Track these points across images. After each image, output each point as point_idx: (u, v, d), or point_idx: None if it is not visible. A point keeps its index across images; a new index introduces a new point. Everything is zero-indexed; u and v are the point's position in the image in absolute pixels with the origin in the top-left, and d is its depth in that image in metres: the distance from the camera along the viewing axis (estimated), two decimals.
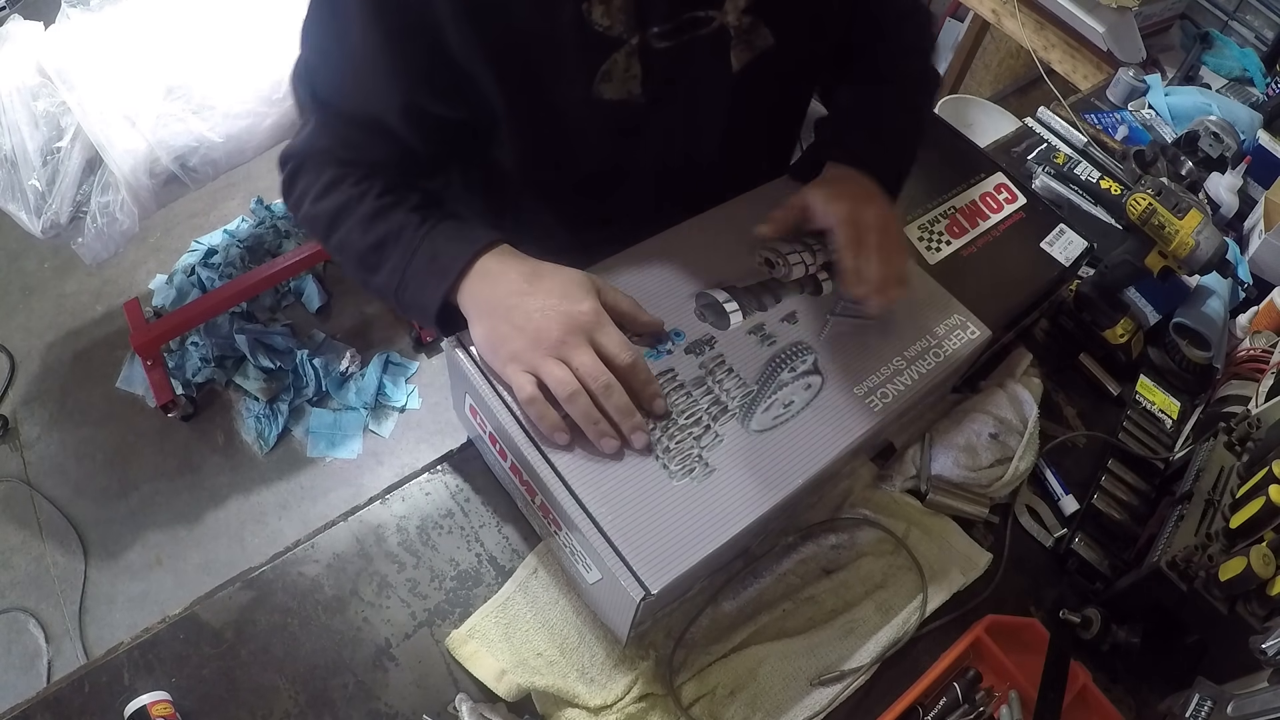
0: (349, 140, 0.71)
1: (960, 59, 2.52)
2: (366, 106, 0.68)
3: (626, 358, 0.63)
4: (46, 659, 1.67)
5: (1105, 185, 1.23)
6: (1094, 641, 0.76)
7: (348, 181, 0.70)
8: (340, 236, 0.70)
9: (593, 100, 0.68)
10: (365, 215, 0.69)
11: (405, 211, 0.69)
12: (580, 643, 0.70)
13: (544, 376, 0.62)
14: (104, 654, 0.67)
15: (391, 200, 0.69)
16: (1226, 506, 0.77)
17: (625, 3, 0.64)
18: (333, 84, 0.69)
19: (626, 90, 0.69)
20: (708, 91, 0.74)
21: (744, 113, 0.78)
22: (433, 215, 0.69)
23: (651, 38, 0.67)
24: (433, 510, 0.76)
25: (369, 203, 0.69)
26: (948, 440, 0.84)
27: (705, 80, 0.73)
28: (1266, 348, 1.00)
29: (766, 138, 0.87)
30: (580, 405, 0.61)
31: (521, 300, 0.63)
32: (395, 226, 0.68)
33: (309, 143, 0.72)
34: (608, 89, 0.68)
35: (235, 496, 1.91)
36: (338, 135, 0.71)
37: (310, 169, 0.72)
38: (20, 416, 1.99)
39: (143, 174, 1.57)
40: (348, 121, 0.70)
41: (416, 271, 0.67)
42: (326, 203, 0.70)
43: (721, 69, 0.72)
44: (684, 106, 0.74)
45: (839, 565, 0.77)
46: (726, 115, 0.78)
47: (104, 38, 1.65)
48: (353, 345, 2.15)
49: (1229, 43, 1.70)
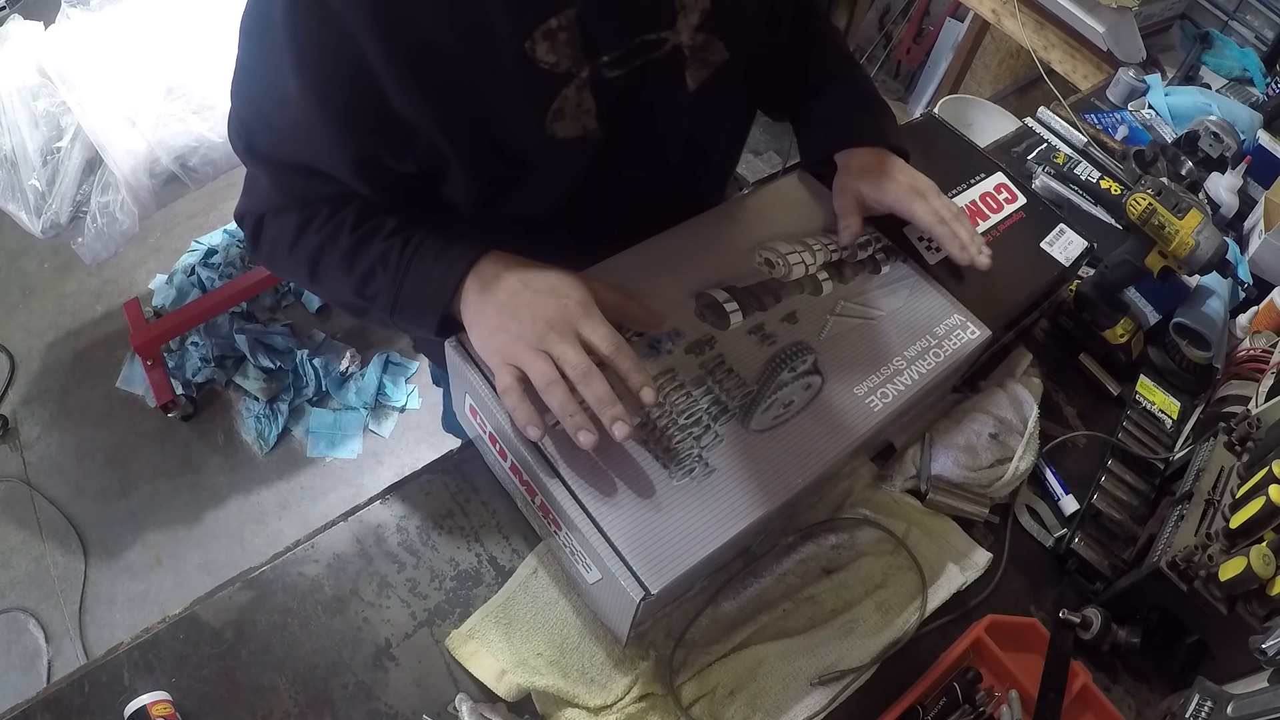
0: (305, 191, 0.68)
1: (960, 59, 2.52)
2: (316, 164, 0.65)
3: (609, 347, 0.61)
4: (46, 659, 1.67)
5: (1105, 185, 1.23)
6: (1094, 641, 0.76)
7: (317, 221, 0.67)
8: (324, 278, 0.68)
9: (547, 141, 0.65)
10: (346, 252, 0.66)
11: (384, 238, 0.66)
12: (580, 643, 0.70)
13: (524, 367, 0.61)
14: (104, 654, 0.67)
15: (369, 228, 0.67)
16: (1226, 506, 0.77)
17: (571, 35, 0.60)
18: (277, 145, 0.66)
19: (582, 127, 0.66)
20: (666, 114, 0.72)
21: (703, 127, 0.77)
22: (415, 235, 0.66)
23: (602, 68, 0.63)
24: (433, 510, 0.76)
25: (345, 239, 0.66)
26: (948, 440, 0.84)
27: (662, 104, 0.70)
28: (1266, 348, 1.00)
29: (725, 145, 0.86)
30: (557, 396, 0.59)
31: (512, 298, 0.63)
32: (378, 256, 0.66)
33: (264, 200, 0.70)
34: (562, 127, 0.65)
35: (235, 496, 1.91)
36: (291, 190, 0.68)
37: (272, 221, 0.70)
38: (20, 416, 1.99)
39: (143, 174, 1.57)
40: (296, 173, 0.67)
41: (409, 298, 0.65)
42: (301, 249, 0.68)
43: (677, 90, 0.70)
44: (642, 133, 0.71)
45: (839, 565, 0.77)
46: (685, 133, 0.76)
47: (104, 38, 1.65)
48: (353, 345, 2.15)
49: (1229, 43, 1.70)
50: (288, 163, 0.66)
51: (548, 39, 0.60)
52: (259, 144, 0.67)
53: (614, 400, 0.60)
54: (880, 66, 2.82)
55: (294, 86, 0.59)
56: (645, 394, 0.61)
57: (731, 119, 0.82)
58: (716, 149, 0.83)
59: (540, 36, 0.59)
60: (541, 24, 0.59)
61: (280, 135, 0.65)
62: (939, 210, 0.79)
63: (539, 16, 0.59)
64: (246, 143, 0.67)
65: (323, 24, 0.55)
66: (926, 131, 1.01)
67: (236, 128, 0.68)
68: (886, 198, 0.79)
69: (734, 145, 0.91)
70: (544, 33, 0.59)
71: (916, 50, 2.74)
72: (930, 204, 0.79)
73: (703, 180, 0.86)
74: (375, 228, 0.67)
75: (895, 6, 2.77)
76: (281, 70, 0.59)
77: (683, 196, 0.83)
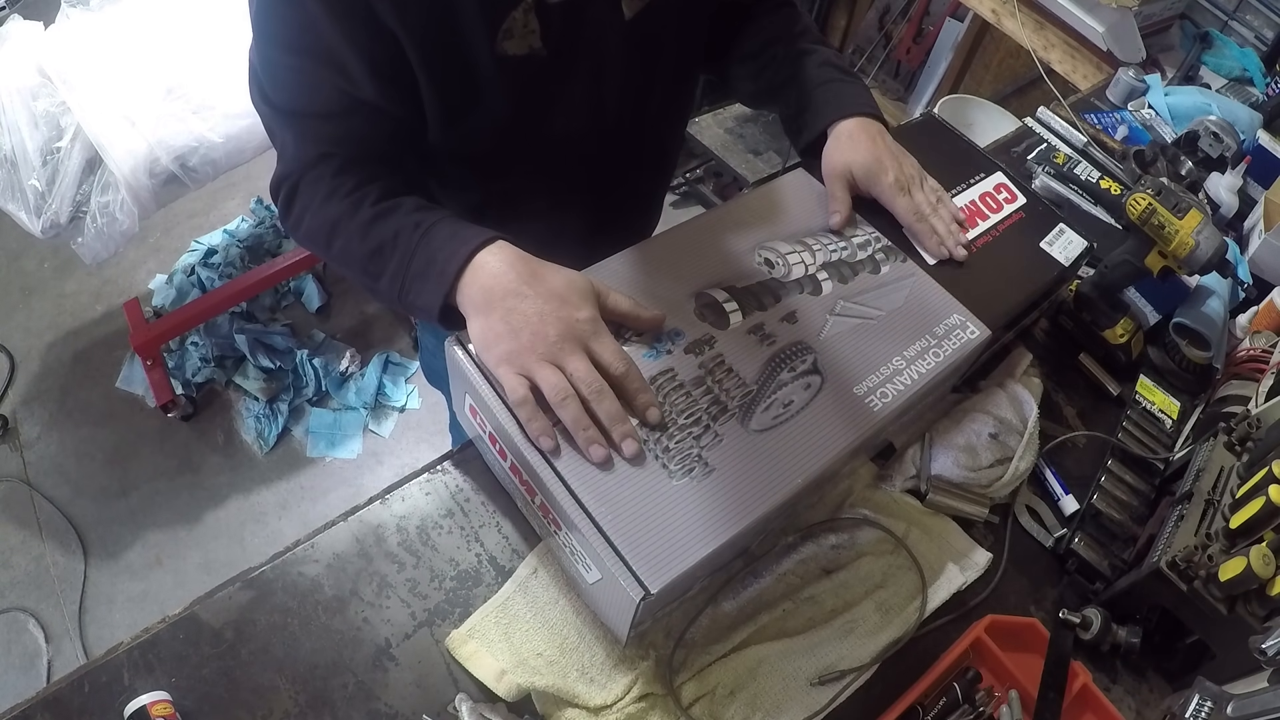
0: (334, 135, 0.71)
1: (960, 59, 2.52)
2: (339, 87, 0.68)
3: (620, 366, 0.64)
4: (46, 659, 1.67)
5: (1105, 185, 1.23)
6: (1094, 641, 0.76)
7: (342, 191, 0.70)
8: (340, 245, 0.71)
9: (498, 56, 0.69)
10: (364, 222, 0.69)
11: (402, 215, 0.69)
12: (580, 643, 0.70)
13: (537, 380, 0.62)
14: (104, 654, 0.67)
15: (388, 205, 0.70)
16: (1226, 506, 0.77)
17: None
18: (301, 86, 0.69)
19: (528, 45, 0.70)
20: (604, 40, 0.76)
21: (639, 64, 0.81)
22: (429, 217, 0.69)
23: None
24: (433, 510, 0.76)
25: (366, 210, 0.69)
26: (948, 440, 0.84)
27: (601, 29, 0.75)
28: (1266, 348, 1.00)
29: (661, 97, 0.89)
30: (571, 411, 0.62)
31: (519, 301, 0.64)
32: (392, 231, 0.68)
33: (296, 159, 0.72)
34: (510, 45, 0.69)
35: (235, 496, 1.91)
36: (321, 136, 0.71)
37: (305, 188, 0.72)
38: (20, 416, 1.99)
39: (143, 174, 1.57)
40: (325, 118, 0.70)
41: (416, 274, 0.67)
42: (324, 214, 0.71)
43: (615, 18, 0.75)
44: (584, 57, 0.76)
45: (839, 565, 0.77)
46: (623, 66, 0.80)
47: (104, 38, 1.65)
48: (353, 345, 2.16)
49: (1229, 43, 1.70)
50: (318, 108, 0.70)
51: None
52: (288, 98, 0.70)
53: (624, 418, 0.63)
54: (880, 66, 2.82)
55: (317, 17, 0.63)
56: (651, 414, 0.65)
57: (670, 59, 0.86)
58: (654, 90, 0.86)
59: None
60: None
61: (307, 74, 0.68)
62: (919, 205, 0.85)
63: None
64: (273, 102, 0.71)
65: None
66: (926, 131, 1.01)
67: (258, 90, 0.71)
68: (875, 187, 0.84)
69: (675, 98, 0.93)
70: None
71: (916, 50, 2.74)
72: (912, 199, 0.84)
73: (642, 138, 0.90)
74: (395, 206, 0.70)
75: (895, 6, 2.77)
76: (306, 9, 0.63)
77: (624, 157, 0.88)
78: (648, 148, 0.93)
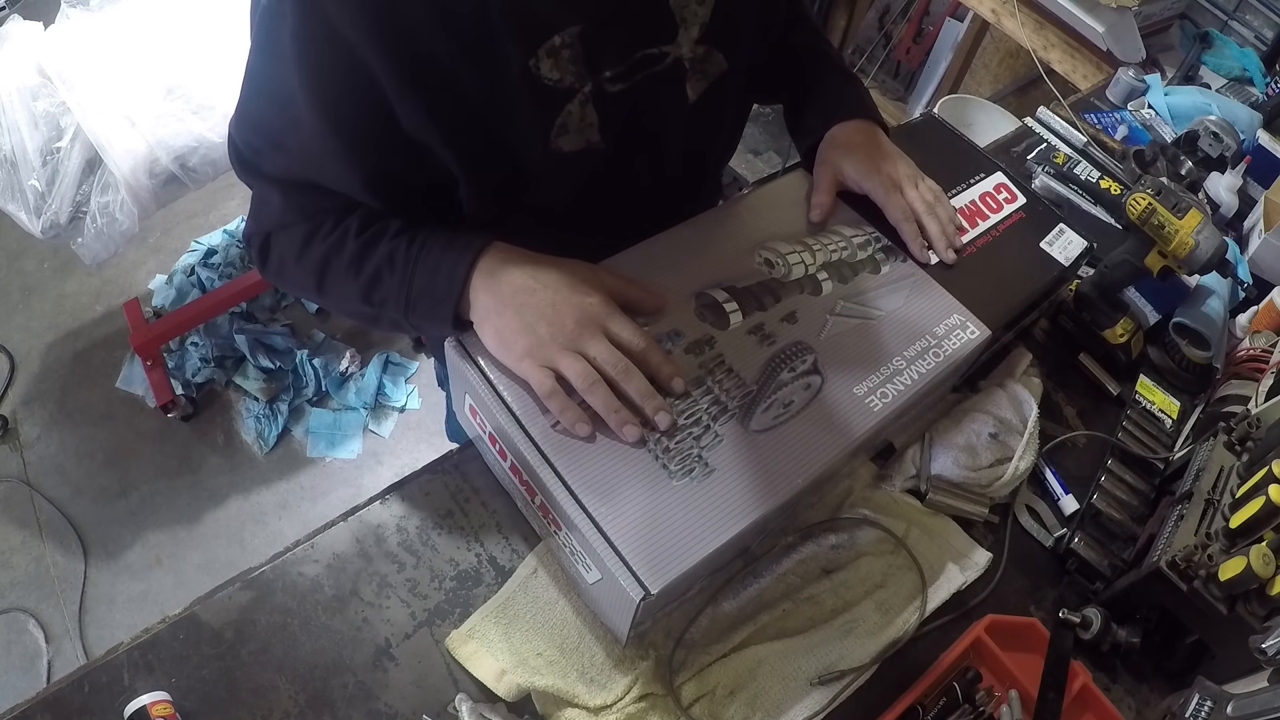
0: (314, 206, 0.68)
1: (960, 59, 2.52)
2: (326, 182, 0.66)
3: (640, 342, 0.63)
4: (46, 659, 1.67)
5: (1105, 185, 1.23)
6: (1094, 641, 0.76)
7: (323, 231, 0.68)
8: (333, 284, 0.69)
9: (551, 154, 0.66)
10: (353, 256, 0.67)
11: (389, 240, 0.66)
12: (580, 643, 0.70)
13: (563, 370, 0.62)
14: (104, 654, 0.67)
15: (373, 233, 0.67)
16: (1226, 506, 0.77)
17: (574, 53, 0.61)
18: (286, 165, 0.66)
19: (585, 140, 0.67)
20: (666, 125, 0.73)
21: (702, 135, 0.79)
22: (419, 233, 0.67)
23: (604, 82, 0.65)
24: (433, 510, 0.76)
25: (350, 245, 0.67)
26: (948, 440, 0.84)
27: (663, 116, 0.72)
28: (1266, 347, 1.00)
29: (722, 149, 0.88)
30: (601, 396, 0.61)
31: (529, 296, 0.63)
32: (386, 255, 0.66)
33: (272, 218, 0.70)
34: (566, 141, 0.66)
35: (235, 496, 1.91)
36: (301, 206, 0.68)
37: (280, 236, 0.70)
38: (20, 416, 1.99)
39: (142, 174, 1.57)
40: (305, 190, 0.67)
41: (420, 292, 0.65)
42: (308, 260, 0.68)
43: (679, 101, 0.71)
44: (644, 144, 0.73)
45: (839, 565, 0.77)
46: (684, 142, 0.77)
47: (104, 38, 1.65)
48: (352, 345, 2.15)
49: (1229, 42, 1.70)
50: (296, 181, 0.67)
51: (551, 56, 0.60)
52: (267, 165, 0.67)
53: (653, 393, 0.63)
54: (880, 66, 2.82)
55: (304, 108, 0.60)
56: (676, 384, 0.66)
57: (730, 125, 0.84)
58: (714, 154, 0.85)
59: (544, 54, 0.60)
60: (545, 42, 0.59)
61: (290, 155, 0.65)
62: (911, 204, 0.83)
63: (543, 34, 0.59)
64: (253, 165, 0.68)
65: (330, 45, 0.56)
66: (926, 131, 1.01)
67: (241, 151, 0.68)
68: (866, 184, 0.83)
69: (730, 148, 0.92)
70: (548, 50, 0.60)
71: (916, 50, 2.74)
72: (904, 197, 0.83)
73: (700, 185, 0.87)
74: (380, 231, 0.67)
75: (895, 6, 2.77)
76: (291, 93, 0.60)
77: (680, 200, 0.84)
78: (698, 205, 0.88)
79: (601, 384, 0.61)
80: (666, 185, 0.80)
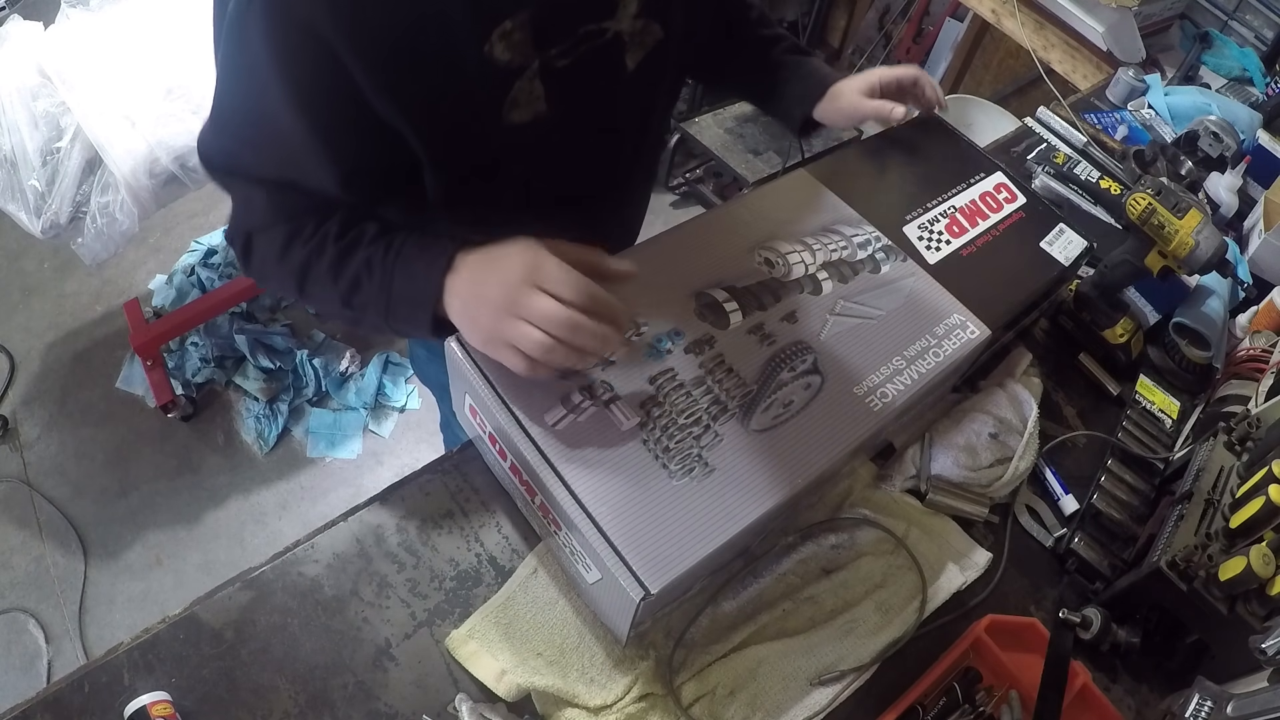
0: (291, 205, 0.70)
1: (960, 59, 2.53)
2: (305, 183, 0.68)
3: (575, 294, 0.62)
4: (46, 659, 1.67)
5: (1105, 185, 1.23)
6: (1094, 641, 0.76)
7: (304, 234, 0.70)
8: (313, 289, 0.71)
9: (504, 127, 0.70)
10: (331, 263, 0.69)
11: (367, 246, 0.68)
12: (580, 643, 0.70)
13: (517, 344, 0.62)
14: (104, 654, 0.67)
15: (351, 238, 0.69)
16: (1226, 506, 0.77)
17: (524, 34, 0.65)
18: (261, 164, 0.68)
19: (534, 111, 0.70)
20: (607, 92, 0.77)
21: (641, 96, 0.83)
22: (395, 238, 0.69)
23: (551, 59, 0.68)
24: (433, 510, 0.76)
25: (330, 250, 0.69)
26: (948, 440, 0.84)
27: (604, 84, 0.76)
28: (1266, 347, 1.00)
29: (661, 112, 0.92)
30: (559, 358, 0.62)
31: (480, 287, 0.65)
32: (363, 264, 0.68)
33: (251, 220, 0.72)
34: (517, 114, 0.70)
35: (235, 496, 1.91)
36: (279, 205, 0.70)
37: (260, 237, 0.72)
38: (20, 416, 1.99)
39: (143, 174, 1.57)
40: (283, 189, 0.69)
41: (399, 299, 0.67)
42: (288, 263, 0.70)
43: (618, 71, 0.75)
44: (589, 109, 0.76)
45: (839, 565, 0.77)
46: (625, 104, 0.81)
47: (104, 38, 1.65)
48: (352, 345, 2.15)
49: (1229, 42, 1.70)
50: (272, 179, 0.69)
51: (503, 39, 0.64)
52: (243, 165, 0.69)
53: (604, 334, 0.62)
54: (880, 66, 2.82)
55: (280, 105, 0.62)
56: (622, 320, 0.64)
57: (669, 84, 0.88)
58: (656, 110, 0.88)
59: (497, 38, 0.63)
60: (498, 26, 0.63)
61: (266, 156, 0.68)
62: None
63: (496, 20, 0.63)
64: (228, 167, 0.70)
65: (301, 39, 0.58)
66: (926, 131, 1.01)
67: (215, 154, 0.70)
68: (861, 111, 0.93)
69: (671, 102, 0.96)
70: (500, 34, 0.63)
71: (916, 50, 2.74)
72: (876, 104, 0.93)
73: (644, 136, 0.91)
74: (357, 237, 0.69)
75: (895, 6, 2.77)
76: (265, 92, 0.62)
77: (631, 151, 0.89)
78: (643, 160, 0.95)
79: (556, 347, 0.61)
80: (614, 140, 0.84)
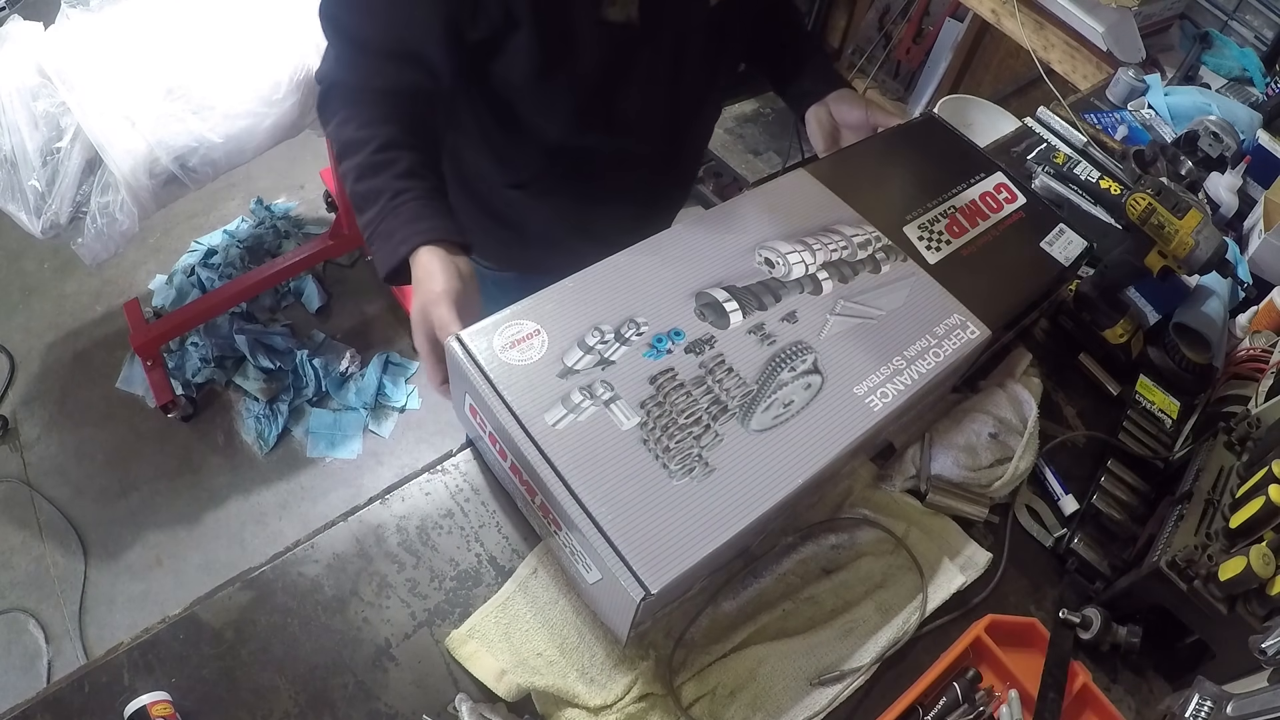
0: (377, 70, 0.78)
1: (960, 59, 2.52)
2: (404, 39, 0.76)
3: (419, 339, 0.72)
4: (46, 659, 1.67)
5: (1105, 185, 1.23)
6: (1094, 641, 0.76)
7: (354, 123, 0.78)
8: (345, 169, 0.79)
9: (599, 20, 0.78)
10: (361, 164, 0.77)
11: (389, 177, 0.75)
12: (580, 643, 0.70)
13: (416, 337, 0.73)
14: (104, 654, 0.67)
15: (384, 159, 0.76)
16: (1226, 506, 0.77)
17: None
18: (368, 23, 0.77)
19: (627, 14, 0.79)
20: (689, 23, 0.85)
21: (715, 51, 0.90)
22: (410, 190, 0.75)
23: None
24: (433, 510, 0.76)
25: (365, 154, 0.77)
26: (948, 440, 0.84)
27: (689, 11, 0.84)
28: (1266, 347, 1.00)
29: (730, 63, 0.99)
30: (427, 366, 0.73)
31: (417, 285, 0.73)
32: (376, 189, 0.76)
33: (337, 74, 0.80)
34: (613, 11, 0.78)
35: (235, 496, 1.91)
36: (366, 69, 0.79)
37: (335, 98, 0.81)
38: (20, 416, 1.99)
39: (142, 174, 1.57)
40: (377, 54, 0.78)
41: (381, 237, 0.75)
42: (340, 134, 0.79)
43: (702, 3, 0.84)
44: (671, 37, 0.85)
45: (839, 565, 0.77)
46: (702, 53, 0.89)
47: (104, 38, 1.65)
48: (352, 345, 2.15)
49: (1229, 43, 1.70)
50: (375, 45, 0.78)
51: None
52: (351, 25, 0.78)
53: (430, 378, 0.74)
54: (880, 66, 2.82)
55: None
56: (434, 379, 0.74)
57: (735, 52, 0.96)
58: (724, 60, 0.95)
59: None
60: None
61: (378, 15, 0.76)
62: None
63: None
64: (335, 22, 0.79)
65: None
66: (926, 131, 1.01)
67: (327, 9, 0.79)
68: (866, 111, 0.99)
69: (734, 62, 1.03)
70: None
71: (916, 50, 2.74)
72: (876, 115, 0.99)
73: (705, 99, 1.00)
74: (390, 161, 0.76)
75: (895, 6, 2.76)
76: None
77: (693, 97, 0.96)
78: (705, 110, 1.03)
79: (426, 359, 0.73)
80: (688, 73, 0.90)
